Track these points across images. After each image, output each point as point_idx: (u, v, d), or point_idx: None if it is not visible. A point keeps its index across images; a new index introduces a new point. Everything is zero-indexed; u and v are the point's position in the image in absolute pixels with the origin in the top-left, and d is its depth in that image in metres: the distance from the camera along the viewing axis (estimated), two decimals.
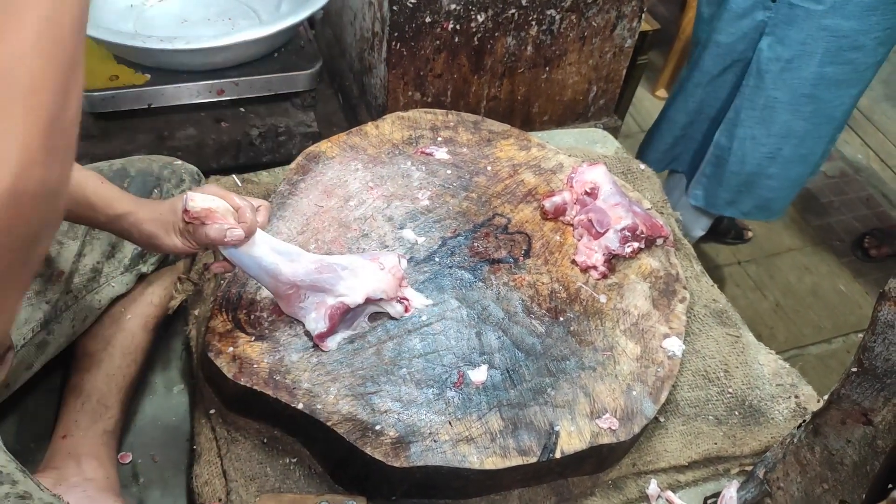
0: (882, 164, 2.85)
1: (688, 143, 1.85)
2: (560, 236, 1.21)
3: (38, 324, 0.99)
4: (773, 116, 1.62)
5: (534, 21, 1.53)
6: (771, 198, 1.79)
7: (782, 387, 1.15)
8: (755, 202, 1.80)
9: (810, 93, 1.56)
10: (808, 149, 1.68)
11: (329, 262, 0.97)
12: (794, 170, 1.73)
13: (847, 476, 0.80)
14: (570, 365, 1.03)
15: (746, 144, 1.68)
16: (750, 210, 1.82)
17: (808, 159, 1.71)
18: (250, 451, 0.99)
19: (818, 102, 1.58)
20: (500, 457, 0.92)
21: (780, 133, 1.64)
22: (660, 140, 1.89)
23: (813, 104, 1.58)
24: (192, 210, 0.87)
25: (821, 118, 1.61)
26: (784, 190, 1.78)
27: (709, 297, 1.26)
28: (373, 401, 0.95)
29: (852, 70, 1.52)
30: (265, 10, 1.65)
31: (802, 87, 1.55)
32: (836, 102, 1.59)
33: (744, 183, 1.76)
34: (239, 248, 0.92)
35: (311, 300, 0.98)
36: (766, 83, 1.57)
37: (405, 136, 1.33)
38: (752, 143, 1.67)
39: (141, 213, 0.91)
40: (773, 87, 1.57)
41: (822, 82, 1.54)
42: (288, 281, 0.96)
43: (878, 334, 0.72)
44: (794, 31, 1.49)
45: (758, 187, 1.76)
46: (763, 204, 1.80)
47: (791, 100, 1.58)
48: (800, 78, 1.54)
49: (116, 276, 1.10)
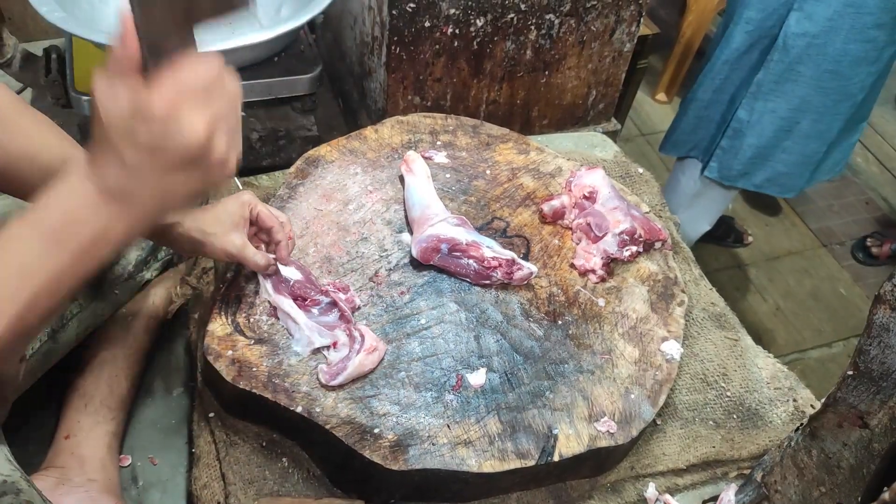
0: (881, 167, 2.85)
1: (707, 125, 1.87)
2: (558, 240, 1.21)
3: (45, 334, 1.00)
4: (794, 90, 1.66)
5: (533, 25, 1.54)
6: (784, 172, 1.83)
7: (780, 390, 1.15)
8: (767, 175, 1.83)
9: (833, 68, 1.61)
10: (826, 125, 1.72)
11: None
12: (809, 145, 1.77)
13: (844, 479, 0.80)
14: (569, 368, 1.03)
15: (765, 117, 1.72)
16: (762, 182, 1.86)
17: (823, 136, 1.76)
18: (249, 455, 0.99)
19: (840, 79, 1.63)
20: (498, 460, 0.92)
21: (799, 107, 1.69)
22: (685, 122, 1.91)
23: (835, 80, 1.63)
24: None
25: (840, 94, 1.66)
26: (798, 166, 1.82)
27: (707, 301, 1.26)
28: (371, 404, 0.95)
29: (873, 48, 1.58)
30: (265, 15, 1.66)
31: (826, 62, 1.60)
32: (855, 80, 1.64)
33: (758, 155, 1.79)
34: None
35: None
36: (791, 58, 1.61)
37: (404, 139, 1.34)
38: (770, 116, 1.71)
39: (187, 222, 0.90)
40: (798, 61, 1.61)
41: (846, 58, 1.59)
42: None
43: (874, 337, 0.72)
44: (822, 7, 1.53)
45: (772, 160, 1.80)
46: (775, 177, 1.84)
47: (814, 74, 1.63)
48: (824, 54, 1.59)
49: (120, 283, 1.11)
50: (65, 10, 1.35)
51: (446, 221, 1.11)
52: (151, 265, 1.15)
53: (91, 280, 1.06)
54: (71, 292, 0.63)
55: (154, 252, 1.16)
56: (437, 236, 1.09)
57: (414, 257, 1.11)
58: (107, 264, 1.09)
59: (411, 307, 1.07)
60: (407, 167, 1.23)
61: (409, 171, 1.22)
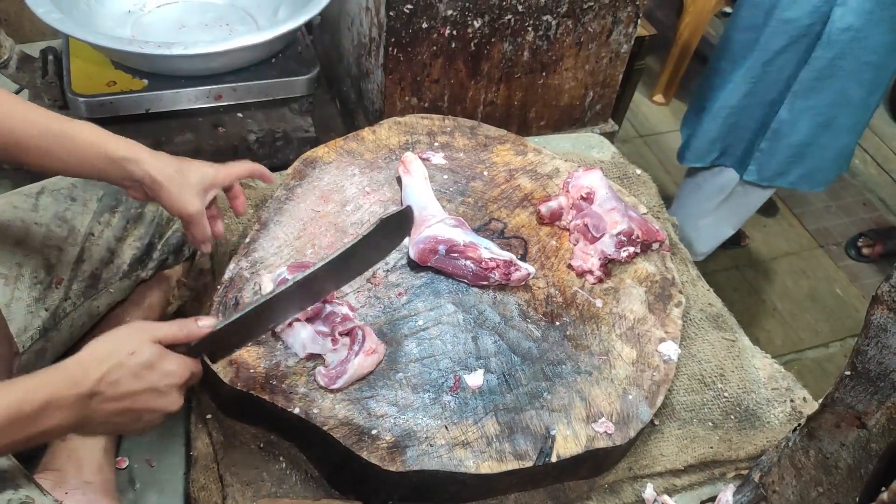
0: (879, 169, 2.86)
1: (740, 130, 1.87)
2: (556, 241, 1.21)
3: (36, 331, 0.99)
4: (833, 85, 1.69)
5: (530, 27, 1.54)
6: (818, 167, 1.85)
7: (777, 391, 1.15)
8: (802, 171, 1.86)
9: (872, 60, 1.65)
10: (859, 117, 1.76)
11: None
12: (843, 139, 1.80)
13: (841, 479, 0.80)
14: (567, 369, 1.03)
15: (804, 115, 1.74)
16: (796, 180, 1.88)
17: (856, 128, 1.79)
18: (247, 456, 0.99)
19: (877, 69, 1.67)
20: (496, 461, 0.92)
21: (837, 101, 1.72)
22: (709, 130, 1.90)
23: (872, 71, 1.67)
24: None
25: (875, 85, 1.71)
26: (830, 161, 1.85)
27: (704, 302, 1.26)
28: (369, 405, 0.95)
29: None
30: (263, 16, 1.66)
31: (866, 54, 1.64)
32: (890, 69, 1.69)
33: (796, 153, 1.81)
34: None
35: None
36: (834, 52, 1.64)
37: (402, 141, 1.34)
38: (809, 113, 1.74)
39: (152, 161, 0.91)
40: (840, 56, 1.64)
41: (884, 49, 1.63)
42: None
43: (871, 338, 0.72)
44: (865, 1, 1.57)
45: (808, 157, 1.82)
46: (809, 173, 1.86)
47: (854, 68, 1.66)
48: (866, 46, 1.62)
49: (115, 282, 1.11)
50: (62, 11, 1.34)
51: (444, 222, 1.11)
52: (147, 265, 1.15)
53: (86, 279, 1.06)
54: None
55: (150, 251, 1.16)
56: (434, 237, 1.09)
57: (411, 258, 1.11)
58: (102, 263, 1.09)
59: (409, 308, 1.07)
60: (404, 168, 1.23)
61: (407, 173, 1.22)
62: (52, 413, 0.70)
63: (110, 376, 0.73)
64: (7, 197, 1.06)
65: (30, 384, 0.69)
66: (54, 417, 0.70)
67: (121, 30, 1.56)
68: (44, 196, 1.07)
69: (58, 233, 1.05)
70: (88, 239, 1.07)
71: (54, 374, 0.72)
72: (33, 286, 1.00)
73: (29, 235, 1.02)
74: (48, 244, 1.03)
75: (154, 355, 0.76)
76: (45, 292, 1.01)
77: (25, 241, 1.02)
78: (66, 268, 1.04)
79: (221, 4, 1.67)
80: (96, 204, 1.10)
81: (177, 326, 0.81)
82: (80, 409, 0.72)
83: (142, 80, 1.43)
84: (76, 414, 0.72)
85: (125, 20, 1.60)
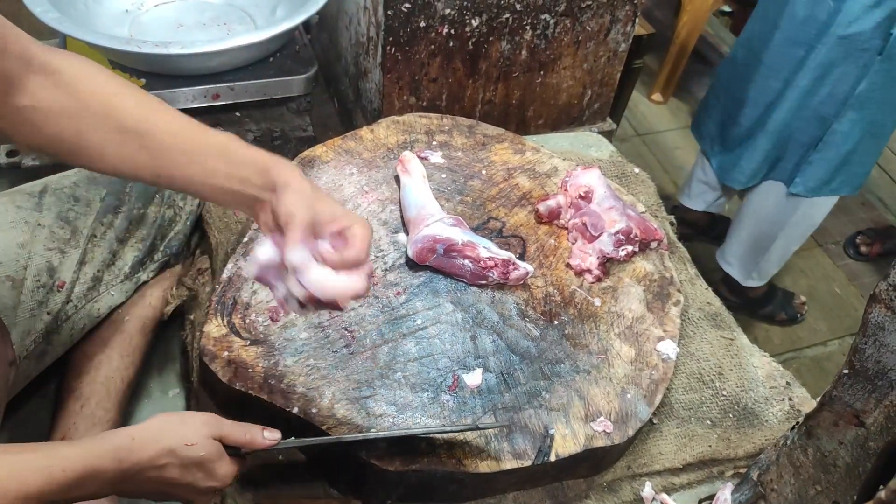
0: (879, 170, 2.86)
1: (793, 145, 1.86)
2: (554, 240, 1.21)
3: (39, 335, 0.99)
4: (887, 95, 1.70)
5: (528, 25, 1.54)
6: (857, 172, 1.87)
7: (776, 389, 1.15)
8: (844, 178, 1.86)
9: None
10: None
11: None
12: (880, 144, 1.84)
13: (840, 478, 0.80)
14: (565, 368, 1.03)
15: (858, 125, 1.75)
16: (837, 186, 1.88)
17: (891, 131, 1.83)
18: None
19: None
20: (494, 460, 0.92)
21: (889, 109, 1.74)
22: (760, 150, 1.89)
23: None
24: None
25: None
26: (868, 165, 1.87)
27: (703, 300, 1.26)
28: (368, 405, 0.95)
29: None
30: (260, 15, 1.66)
31: None
32: None
33: (842, 162, 1.82)
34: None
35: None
36: (894, 64, 1.65)
37: (400, 140, 1.34)
38: (862, 123, 1.75)
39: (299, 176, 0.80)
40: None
41: None
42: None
43: (869, 336, 0.72)
44: None
45: (851, 164, 1.83)
46: (849, 179, 1.87)
47: None
48: None
49: (116, 284, 1.10)
50: (59, 10, 1.34)
51: (442, 222, 1.11)
52: (148, 266, 1.15)
53: (87, 281, 1.06)
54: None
55: (151, 253, 1.16)
56: (432, 237, 1.09)
57: (410, 258, 1.11)
58: (104, 264, 1.09)
59: (407, 308, 1.07)
60: (403, 167, 1.23)
61: (405, 172, 1.22)
62: (91, 482, 0.69)
63: (159, 460, 0.72)
64: (9, 195, 1.06)
65: (72, 452, 0.69)
66: (92, 486, 0.69)
67: (118, 29, 1.56)
68: (47, 195, 1.07)
69: (60, 235, 1.05)
70: (91, 241, 1.07)
71: (101, 444, 0.71)
72: (36, 289, 1.00)
73: (33, 237, 1.02)
74: (51, 246, 1.03)
75: (210, 455, 0.75)
76: (47, 296, 1.01)
77: (29, 243, 1.02)
78: (69, 270, 1.04)
79: (219, 4, 1.67)
80: (99, 204, 1.10)
81: (241, 431, 0.79)
82: (119, 480, 0.71)
83: (140, 80, 1.43)
84: (113, 485, 0.71)
85: (123, 19, 1.59)
